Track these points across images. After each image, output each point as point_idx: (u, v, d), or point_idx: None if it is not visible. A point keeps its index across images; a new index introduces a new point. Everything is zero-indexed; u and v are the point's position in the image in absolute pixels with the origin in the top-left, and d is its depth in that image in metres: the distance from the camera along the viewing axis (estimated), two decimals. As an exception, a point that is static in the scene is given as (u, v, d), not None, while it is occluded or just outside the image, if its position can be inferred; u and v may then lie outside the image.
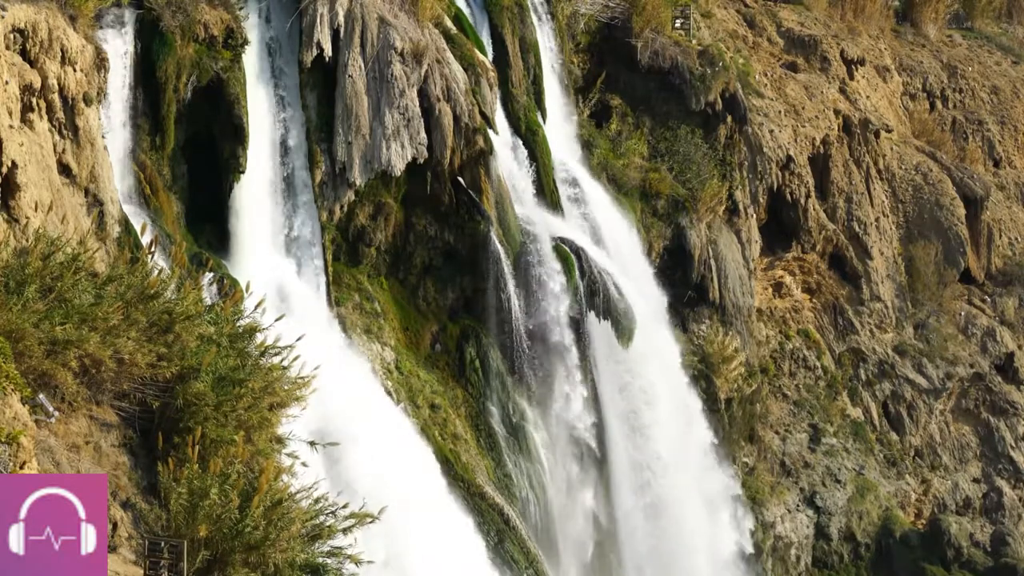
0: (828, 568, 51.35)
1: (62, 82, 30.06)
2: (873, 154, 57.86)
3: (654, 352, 44.74)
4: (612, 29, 49.70)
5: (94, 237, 28.00)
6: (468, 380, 40.72)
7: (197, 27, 35.31)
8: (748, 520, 47.89)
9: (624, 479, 43.51)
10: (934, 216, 59.34)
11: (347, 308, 38.80)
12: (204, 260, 33.25)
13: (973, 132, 65.60)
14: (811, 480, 51.59)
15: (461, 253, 40.71)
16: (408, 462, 35.86)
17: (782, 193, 53.42)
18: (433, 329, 40.97)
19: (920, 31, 67.80)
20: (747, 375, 49.92)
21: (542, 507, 40.90)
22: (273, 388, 22.56)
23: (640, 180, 47.92)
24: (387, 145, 38.42)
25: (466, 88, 40.01)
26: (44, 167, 28.39)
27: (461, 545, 36.08)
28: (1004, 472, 56.56)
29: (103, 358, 20.89)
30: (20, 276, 20.81)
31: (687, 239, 47.70)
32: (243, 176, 36.27)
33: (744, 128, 51.07)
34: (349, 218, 39.20)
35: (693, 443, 46.09)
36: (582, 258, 42.31)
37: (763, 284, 53.57)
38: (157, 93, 34.93)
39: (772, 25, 59.74)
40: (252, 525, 19.80)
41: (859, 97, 59.07)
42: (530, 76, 44.73)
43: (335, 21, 38.20)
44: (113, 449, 21.16)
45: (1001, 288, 60.97)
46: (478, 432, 40.28)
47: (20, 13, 28.96)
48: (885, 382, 55.70)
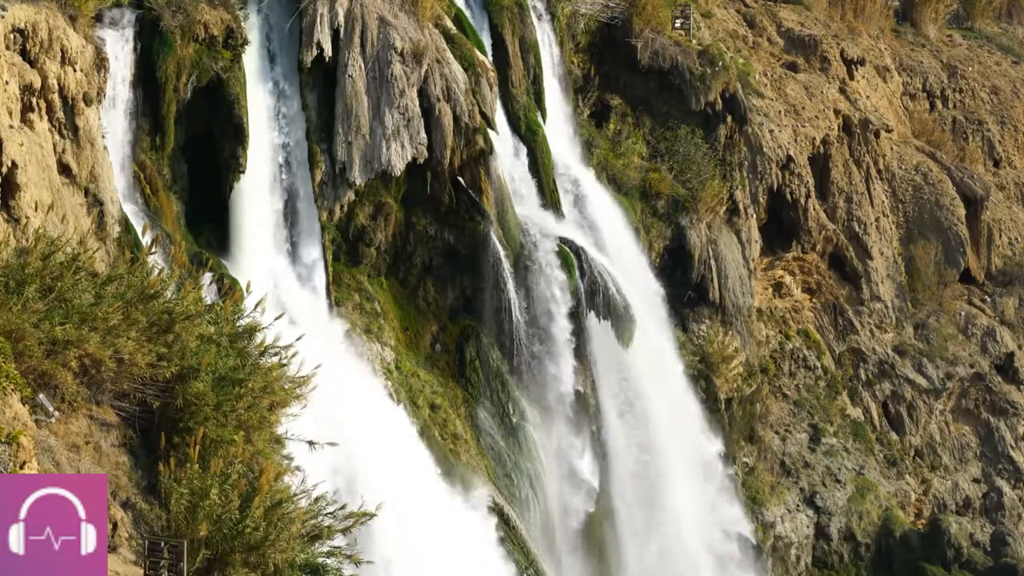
0: (828, 568, 51.34)
1: (62, 82, 30.06)
2: (873, 154, 57.86)
3: (654, 352, 44.73)
4: (612, 29, 49.71)
5: (94, 237, 28.01)
6: (468, 380, 40.72)
7: (197, 27, 35.32)
8: (746, 521, 47.85)
9: (624, 479, 43.51)
10: (934, 216, 59.34)
11: (347, 308, 38.81)
12: (204, 260, 33.25)
13: (973, 132, 65.59)
14: (811, 480, 51.58)
15: (461, 253, 40.71)
16: (408, 462, 35.87)
17: (782, 193, 53.42)
18: (433, 329, 40.98)
19: (920, 31, 67.80)
20: (747, 375, 49.92)
21: (542, 507, 40.91)
22: (273, 388, 22.56)
23: (640, 180, 47.94)
24: (387, 145, 38.43)
25: (466, 88, 40.02)
26: (44, 167, 28.40)
27: (462, 545, 36.07)
28: (1004, 472, 56.55)
29: (103, 358, 20.88)
30: (20, 276, 20.79)
31: (687, 239, 47.71)
32: (243, 176, 36.27)
33: (744, 128, 51.07)
34: (349, 218, 39.21)
35: (693, 443, 46.07)
36: (582, 258, 42.31)
37: (763, 284, 53.56)
38: (157, 93, 34.94)
39: (772, 25, 59.74)
40: (252, 525, 19.79)
41: (859, 97, 59.06)
42: (530, 76, 44.74)
43: (335, 21, 38.21)
44: (113, 449, 21.15)
45: (1001, 288, 60.97)
46: (478, 432, 40.28)
47: (20, 13, 28.96)
48: (885, 382, 55.70)
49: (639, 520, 43.87)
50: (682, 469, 45.13)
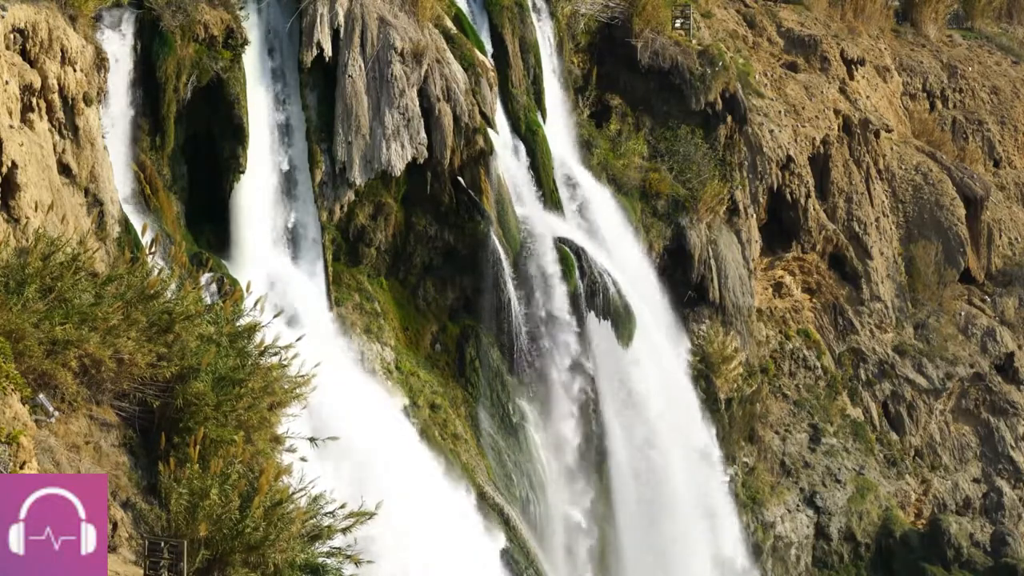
0: (828, 568, 51.34)
1: (62, 82, 30.06)
2: (873, 154, 57.85)
3: (654, 352, 44.73)
4: (612, 29, 49.70)
5: (94, 237, 28.00)
6: (468, 380, 40.72)
7: (197, 27, 35.32)
8: (739, 524, 47.83)
9: (624, 478, 43.51)
10: (934, 216, 59.35)
11: (347, 308, 38.81)
12: (204, 260, 33.26)
13: (973, 132, 65.61)
14: (811, 480, 51.58)
15: (461, 253, 40.71)
16: (407, 462, 35.86)
17: (782, 193, 53.42)
18: (433, 329, 40.98)
19: (920, 31, 67.82)
20: (747, 375, 49.92)
21: (542, 507, 40.92)
22: (273, 388, 22.56)
23: (640, 180, 47.94)
24: (387, 145, 38.43)
25: (466, 88, 40.01)
26: (44, 167, 28.40)
27: (464, 545, 36.09)
28: (1004, 472, 56.55)
29: (103, 358, 20.87)
30: (20, 276, 20.78)
31: (687, 239, 47.71)
32: (243, 176, 36.29)
33: (744, 128, 51.07)
34: (349, 218, 39.21)
35: (693, 442, 46.08)
36: (582, 258, 42.32)
37: (763, 284, 53.56)
38: (157, 93, 34.95)
39: (772, 25, 59.74)
40: (252, 525, 19.79)
41: (859, 97, 59.06)
42: (530, 76, 44.73)
43: (335, 21, 38.21)
44: (113, 449, 21.15)
45: (1001, 288, 60.97)
46: (478, 432, 40.28)
47: (20, 13, 28.96)
48: (885, 382, 55.69)
49: (639, 520, 43.86)
50: (682, 468, 45.14)
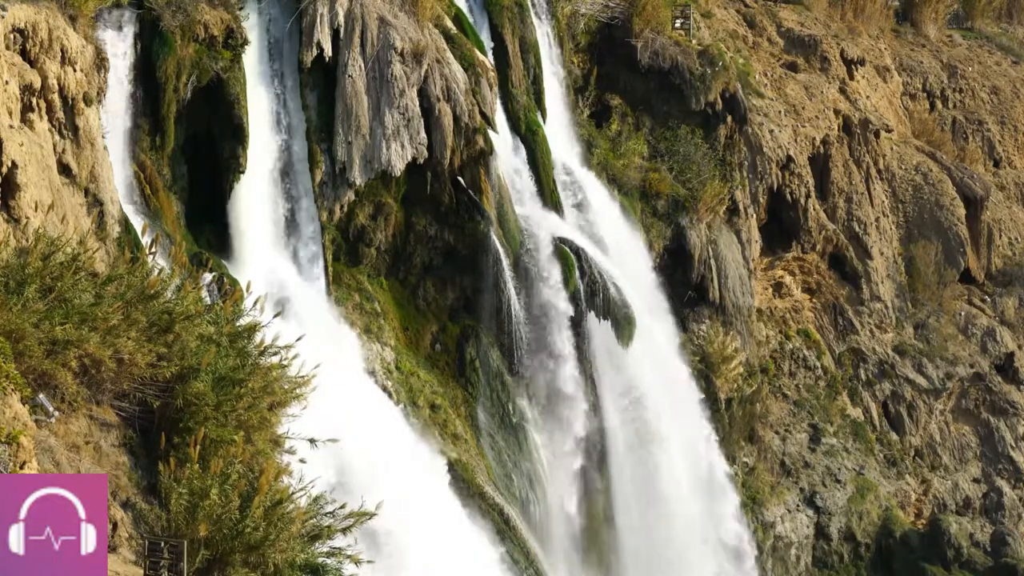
0: (828, 568, 51.34)
1: (62, 82, 30.05)
2: (873, 154, 57.86)
3: (654, 352, 44.73)
4: (612, 29, 49.70)
5: (94, 237, 27.99)
6: (468, 380, 40.73)
7: (197, 27, 35.32)
8: (745, 518, 47.86)
9: (624, 478, 43.51)
10: (934, 216, 59.35)
11: (347, 308, 38.81)
12: (204, 260, 33.27)
13: (973, 132, 65.61)
14: (811, 480, 51.58)
15: (461, 253, 40.71)
16: (407, 462, 35.86)
17: (782, 193, 53.42)
18: (433, 329, 40.98)
19: (920, 31, 67.81)
20: (747, 375, 49.92)
21: (542, 507, 40.92)
22: (273, 388, 22.55)
23: (640, 180, 47.94)
24: (387, 145, 38.43)
25: (466, 88, 40.01)
26: (44, 167, 28.39)
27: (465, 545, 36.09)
28: (1004, 472, 56.56)
29: (103, 358, 20.87)
30: (20, 276, 20.77)
31: (687, 239, 47.71)
32: (243, 176, 36.29)
33: (744, 128, 51.07)
34: (349, 218, 39.21)
35: (693, 442, 46.07)
36: (582, 258, 42.32)
37: (763, 284, 53.57)
38: (157, 93, 34.95)
39: (772, 25, 59.74)
40: (252, 525, 19.78)
41: (859, 97, 59.07)
42: (530, 76, 44.73)
43: (335, 21, 38.21)
44: (113, 449, 21.15)
45: (1001, 288, 60.98)
46: (478, 432, 40.29)
47: (20, 13, 28.95)
48: (885, 382, 55.70)
49: (639, 519, 43.86)
50: (682, 467, 45.15)
